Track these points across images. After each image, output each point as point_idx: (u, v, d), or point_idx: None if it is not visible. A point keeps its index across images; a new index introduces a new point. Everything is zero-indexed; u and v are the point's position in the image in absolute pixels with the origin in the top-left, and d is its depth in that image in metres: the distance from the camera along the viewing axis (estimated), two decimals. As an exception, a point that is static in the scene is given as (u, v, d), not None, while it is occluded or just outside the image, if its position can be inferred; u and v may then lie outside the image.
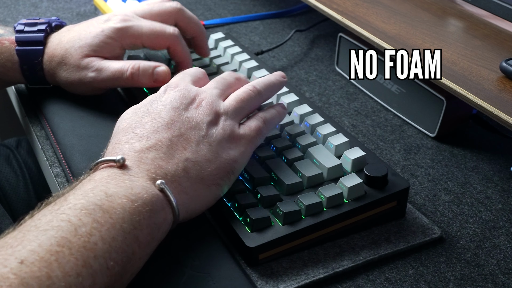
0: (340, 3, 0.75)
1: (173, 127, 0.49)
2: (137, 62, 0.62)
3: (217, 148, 0.49)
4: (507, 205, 0.58)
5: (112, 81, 0.62)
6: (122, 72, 0.61)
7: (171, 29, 0.64)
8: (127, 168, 0.45)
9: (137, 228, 0.42)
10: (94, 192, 0.42)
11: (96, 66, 0.62)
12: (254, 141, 0.52)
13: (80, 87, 0.64)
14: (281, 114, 0.57)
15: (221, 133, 0.50)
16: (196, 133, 0.49)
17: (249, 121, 0.53)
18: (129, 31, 0.63)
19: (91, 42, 0.62)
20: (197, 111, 0.51)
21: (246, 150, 0.51)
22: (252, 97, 0.54)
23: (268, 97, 0.57)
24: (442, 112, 0.65)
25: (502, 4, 0.64)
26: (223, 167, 0.49)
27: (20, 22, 0.66)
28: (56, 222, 0.39)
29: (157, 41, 0.64)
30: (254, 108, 0.55)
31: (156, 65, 0.62)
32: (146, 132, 0.48)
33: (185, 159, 0.47)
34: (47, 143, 0.63)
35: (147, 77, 0.61)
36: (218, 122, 0.51)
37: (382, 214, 0.53)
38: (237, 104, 0.53)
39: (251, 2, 0.99)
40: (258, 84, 0.56)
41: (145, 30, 0.63)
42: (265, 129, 0.54)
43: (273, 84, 0.57)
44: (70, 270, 0.37)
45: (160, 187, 0.45)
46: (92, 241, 0.39)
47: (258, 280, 0.47)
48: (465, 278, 0.49)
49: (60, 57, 0.63)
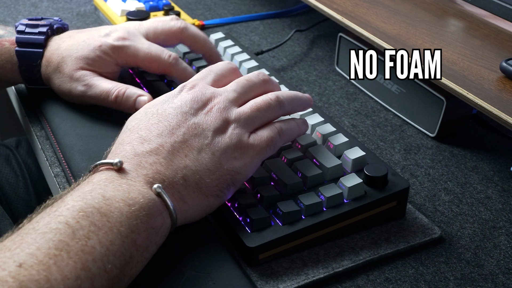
0: (340, 3, 0.75)
1: (178, 132, 0.48)
2: (124, 87, 0.61)
3: (220, 158, 0.47)
4: (507, 205, 0.58)
5: (98, 100, 0.62)
6: (108, 94, 0.61)
7: (166, 56, 0.63)
8: (125, 171, 0.45)
9: (134, 232, 0.42)
10: (92, 195, 0.42)
11: (88, 81, 0.62)
12: (262, 153, 0.50)
13: (70, 97, 0.64)
14: (301, 128, 0.54)
15: (227, 142, 0.48)
16: (200, 140, 0.47)
17: (262, 130, 0.50)
18: (124, 51, 0.62)
19: (87, 55, 0.62)
20: (206, 117, 0.49)
21: (252, 161, 0.49)
22: (271, 108, 0.51)
23: (290, 112, 0.54)
24: (442, 112, 0.65)
25: (502, 4, 0.64)
26: (223, 178, 0.47)
27: (22, 22, 0.65)
28: (54, 225, 0.39)
29: (152, 66, 0.63)
30: (271, 120, 0.52)
31: (140, 93, 0.61)
32: (150, 134, 0.47)
33: (184, 166, 0.46)
34: (47, 143, 0.63)
35: (129, 104, 0.61)
36: (227, 130, 0.49)
37: (382, 214, 0.53)
38: (252, 112, 0.50)
39: (251, 2, 0.99)
40: (283, 95, 0.52)
41: (140, 53, 0.63)
42: (279, 141, 0.51)
43: (299, 99, 0.54)
44: (69, 274, 0.37)
45: (157, 191, 0.44)
46: (90, 245, 0.39)
47: (258, 280, 0.47)
48: (465, 278, 0.49)
49: (56, 64, 0.63)
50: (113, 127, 0.61)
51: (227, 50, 0.73)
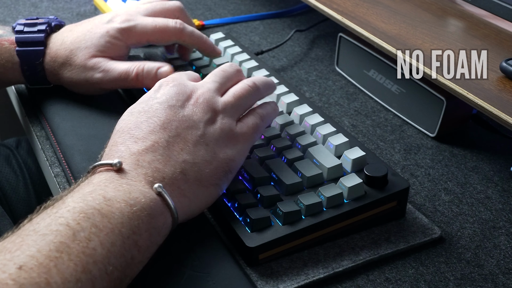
0: (340, 3, 0.75)
1: (170, 126, 0.48)
2: (142, 63, 0.62)
3: (215, 148, 0.49)
4: (507, 205, 0.58)
5: (118, 82, 0.63)
6: (128, 73, 0.62)
7: (173, 22, 0.65)
8: (124, 172, 0.45)
9: (136, 233, 0.42)
10: (93, 196, 0.42)
11: (103, 67, 0.62)
12: (251, 139, 0.52)
13: (86, 87, 0.64)
14: (275, 110, 0.57)
15: (219, 132, 0.50)
16: (193, 132, 0.49)
17: (246, 118, 0.53)
18: (133, 31, 0.63)
19: (97, 42, 0.63)
20: (194, 108, 0.50)
21: (243, 147, 0.51)
22: (250, 94, 0.54)
23: (264, 95, 0.57)
24: (442, 112, 0.65)
25: (502, 4, 0.64)
26: (220, 167, 0.49)
27: (19, 22, 0.65)
28: (54, 226, 0.39)
29: (162, 37, 0.65)
30: (251, 105, 0.55)
31: (159, 65, 0.62)
32: (142, 132, 0.48)
33: (183, 160, 0.47)
34: (47, 143, 0.63)
35: (151, 78, 0.61)
36: (216, 120, 0.50)
37: (382, 214, 0.53)
38: (235, 101, 0.53)
39: (251, 2, 0.99)
40: (257, 81, 0.56)
41: (148, 28, 0.64)
42: (262, 126, 0.54)
43: (268, 81, 0.58)
44: (69, 276, 0.37)
45: (158, 191, 0.44)
46: (91, 247, 0.39)
47: (258, 280, 0.47)
48: (465, 278, 0.49)
49: (65, 57, 0.63)
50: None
51: (227, 50, 0.73)
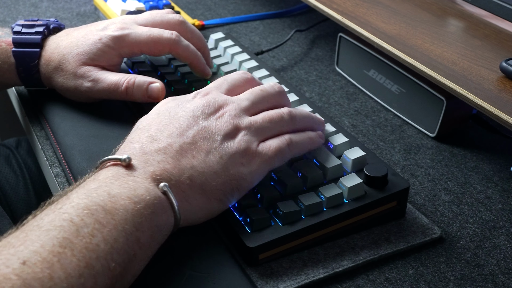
0: (340, 3, 0.75)
1: (187, 133, 0.48)
2: (132, 77, 0.61)
3: (227, 162, 0.47)
4: (507, 205, 0.58)
5: (107, 93, 0.61)
6: (118, 86, 0.61)
7: (168, 33, 0.62)
8: (132, 168, 0.45)
9: (139, 230, 0.42)
10: (98, 192, 0.42)
11: (93, 76, 0.61)
12: (269, 162, 0.49)
13: (76, 95, 0.63)
14: (314, 141, 0.53)
15: (236, 147, 0.48)
16: (209, 143, 0.48)
17: (271, 140, 0.50)
18: (126, 39, 0.62)
19: (88, 50, 0.61)
20: (216, 121, 0.49)
21: (258, 169, 0.48)
22: (283, 121, 0.51)
23: (302, 129, 0.53)
24: (442, 112, 0.65)
25: (502, 4, 0.64)
26: (229, 183, 0.47)
27: (18, 23, 0.65)
28: (58, 222, 0.39)
29: (156, 47, 0.63)
30: (282, 133, 0.51)
31: (151, 81, 0.61)
32: (160, 134, 0.48)
33: (191, 166, 0.46)
34: (47, 143, 0.63)
35: (141, 93, 0.60)
36: (236, 136, 0.49)
37: (382, 214, 0.53)
38: (263, 122, 0.50)
39: (251, 2, 0.99)
40: (296, 111, 0.52)
41: (142, 37, 0.62)
42: (288, 152, 0.50)
43: (311, 118, 0.54)
44: (72, 271, 0.37)
45: (163, 190, 0.45)
46: (94, 242, 0.39)
47: (258, 280, 0.47)
48: (465, 278, 0.49)
49: (57, 62, 0.62)
50: (114, 127, 0.61)
51: (227, 50, 0.73)
